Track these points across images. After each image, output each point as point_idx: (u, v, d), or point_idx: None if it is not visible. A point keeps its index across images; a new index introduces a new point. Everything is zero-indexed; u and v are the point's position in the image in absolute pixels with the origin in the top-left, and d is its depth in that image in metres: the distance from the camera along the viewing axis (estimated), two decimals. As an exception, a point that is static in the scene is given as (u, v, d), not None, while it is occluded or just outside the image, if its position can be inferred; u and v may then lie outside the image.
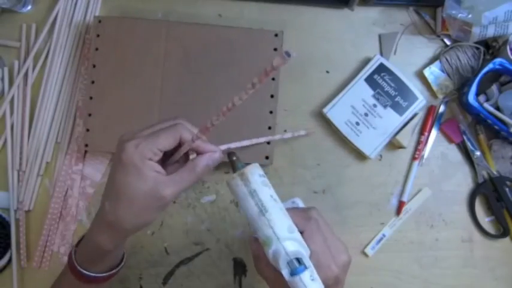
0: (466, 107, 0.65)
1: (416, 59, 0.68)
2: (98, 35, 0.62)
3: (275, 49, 0.63)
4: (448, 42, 0.68)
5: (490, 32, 0.63)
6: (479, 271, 0.66)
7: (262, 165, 0.63)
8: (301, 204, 0.55)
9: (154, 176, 0.37)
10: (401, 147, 0.65)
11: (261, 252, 0.40)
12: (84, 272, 0.42)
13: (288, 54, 0.24)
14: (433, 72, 0.67)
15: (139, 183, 0.36)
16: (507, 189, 0.66)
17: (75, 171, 0.64)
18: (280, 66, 0.25)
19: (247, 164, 0.42)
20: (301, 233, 0.41)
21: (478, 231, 0.67)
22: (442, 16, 0.66)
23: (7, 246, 0.61)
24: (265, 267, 0.41)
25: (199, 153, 0.40)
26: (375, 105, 0.64)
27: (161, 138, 0.37)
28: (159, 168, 0.38)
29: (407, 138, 0.64)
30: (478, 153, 0.67)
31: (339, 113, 0.64)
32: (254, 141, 0.61)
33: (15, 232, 0.61)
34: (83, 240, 0.44)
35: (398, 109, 0.64)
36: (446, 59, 0.66)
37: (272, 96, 0.63)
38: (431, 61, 0.68)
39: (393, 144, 0.66)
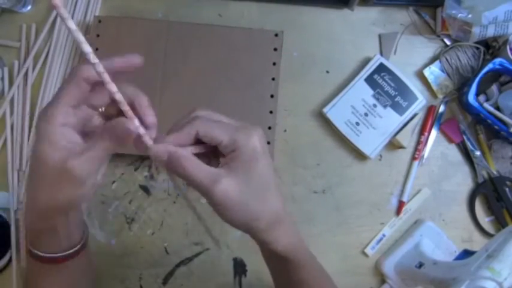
0: (466, 107, 0.65)
1: (416, 59, 0.68)
2: (98, 35, 0.62)
3: (275, 49, 0.63)
4: (448, 42, 0.68)
5: (490, 32, 0.63)
6: (479, 271, 0.66)
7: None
8: None
9: (63, 145, 0.32)
10: (401, 147, 0.65)
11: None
12: (34, 251, 0.38)
13: None
14: (433, 72, 0.67)
15: (47, 152, 0.31)
16: (507, 189, 0.66)
17: (75, 171, 0.63)
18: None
19: None
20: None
21: (478, 231, 0.67)
22: (442, 16, 0.66)
23: (7, 247, 0.61)
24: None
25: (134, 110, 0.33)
26: (375, 105, 0.64)
27: (62, 91, 0.32)
28: (72, 137, 0.32)
29: (407, 138, 0.64)
30: (478, 153, 0.67)
31: (339, 113, 0.64)
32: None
33: (15, 232, 0.61)
34: None
35: (398, 109, 0.64)
36: (446, 59, 0.66)
37: (272, 96, 0.63)
38: (431, 61, 0.68)
39: (393, 144, 0.66)
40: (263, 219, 0.35)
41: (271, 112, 0.62)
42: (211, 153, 0.36)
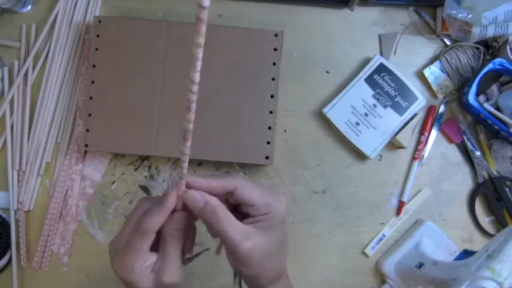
0: (466, 107, 0.65)
1: (416, 59, 0.68)
2: (98, 35, 0.62)
3: (275, 49, 0.63)
4: (448, 42, 0.68)
5: (490, 32, 0.63)
6: (480, 271, 0.66)
7: (262, 165, 0.64)
8: None
9: (150, 277, 0.35)
10: (401, 147, 0.65)
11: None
12: None
13: None
14: (433, 72, 0.67)
15: None
16: (507, 189, 0.66)
17: (75, 171, 0.64)
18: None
19: None
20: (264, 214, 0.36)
21: (478, 231, 0.67)
22: (442, 16, 0.66)
23: (7, 247, 0.61)
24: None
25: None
26: (375, 105, 0.64)
27: (136, 245, 0.34)
28: (151, 261, 0.35)
29: (407, 138, 0.64)
30: (478, 153, 0.67)
31: (339, 113, 0.64)
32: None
33: (15, 232, 0.61)
34: None
35: (399, 109, 0.64)
36: (446, 59, 0.66)
37: (272, 96, 0.63)
38: (431, 61, 0.68)
39: (393, 144, 0.66)
40: (270, 276, 0.37)
41: (271, 112, 0.62)
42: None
